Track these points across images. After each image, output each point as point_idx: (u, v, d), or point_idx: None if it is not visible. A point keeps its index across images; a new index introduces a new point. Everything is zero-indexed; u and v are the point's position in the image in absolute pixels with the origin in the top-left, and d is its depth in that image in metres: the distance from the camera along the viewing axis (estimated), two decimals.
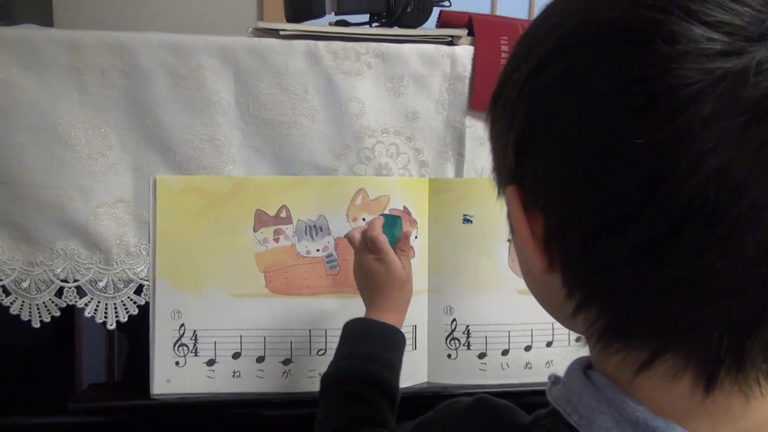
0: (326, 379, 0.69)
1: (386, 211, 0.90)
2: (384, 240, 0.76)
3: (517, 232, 0.38)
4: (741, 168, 0.29)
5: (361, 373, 0.67)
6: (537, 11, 0.37)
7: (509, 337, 0.93)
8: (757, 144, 0.29)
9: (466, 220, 0.92)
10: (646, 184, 0.31)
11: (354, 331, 0.73)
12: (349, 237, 0.80)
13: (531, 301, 0.89)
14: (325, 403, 0.67)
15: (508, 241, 0.92)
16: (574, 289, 0.36)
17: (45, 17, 1.21)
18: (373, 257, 0.76)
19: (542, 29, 0.36)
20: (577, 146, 0.33)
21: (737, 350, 0.33)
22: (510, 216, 0.40)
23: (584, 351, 0.80)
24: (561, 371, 0.42)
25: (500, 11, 1.63)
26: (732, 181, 0.29)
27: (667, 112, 0.30)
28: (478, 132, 0.93)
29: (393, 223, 0.77)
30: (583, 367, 0.40)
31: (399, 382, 0.71)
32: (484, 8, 1.66)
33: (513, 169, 0.38)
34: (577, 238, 0.34)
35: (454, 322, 0.92)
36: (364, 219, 0.90)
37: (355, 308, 0.77)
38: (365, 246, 0.77)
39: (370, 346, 0.70)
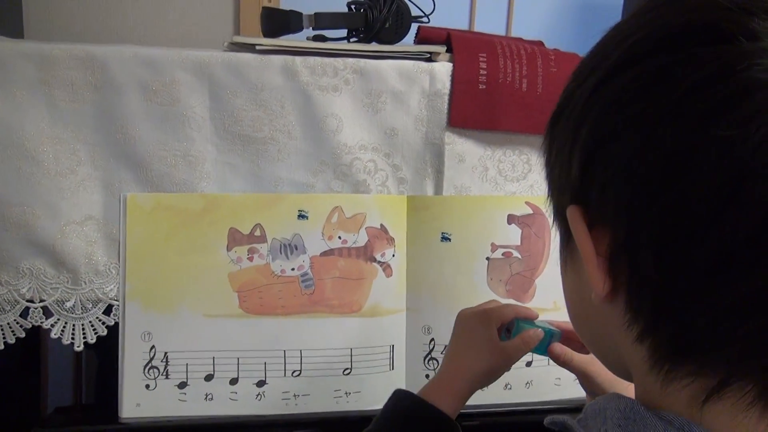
0: None
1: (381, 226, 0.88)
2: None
3: (581, 252, 0.36)
4: None
5: None
6: (515, 28, 0.38)
7: None
8: None
9: (445, 239, 0.91)
10: (729, 182, 0.29)
11: (396, 409, 0.66)
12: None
13: None
14: None
15: (487, 259, 0.91)
16: (640, 312, 0.34)
17: (15, 28, 1.18)
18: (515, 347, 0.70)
19: (610, 45, 0.36)
20: (654, 147, 0.32)
21: None
22: (564, 242, 0.40)
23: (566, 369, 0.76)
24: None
25: (478, 27, 1.63)
26: None
27: (753, 106, 0.29)
28: (457, 149, 0.92)
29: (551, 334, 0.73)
30: (641, 407, 0.36)
31: None
32: (462, 24, 1.66)
33: (577, 186, 0.37)
34: (650, 249, 0.32)
35: (432, 342, 0.90)
36: (340, 237, 0.88)
37: (330, 328, 0.75)
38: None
39: None
